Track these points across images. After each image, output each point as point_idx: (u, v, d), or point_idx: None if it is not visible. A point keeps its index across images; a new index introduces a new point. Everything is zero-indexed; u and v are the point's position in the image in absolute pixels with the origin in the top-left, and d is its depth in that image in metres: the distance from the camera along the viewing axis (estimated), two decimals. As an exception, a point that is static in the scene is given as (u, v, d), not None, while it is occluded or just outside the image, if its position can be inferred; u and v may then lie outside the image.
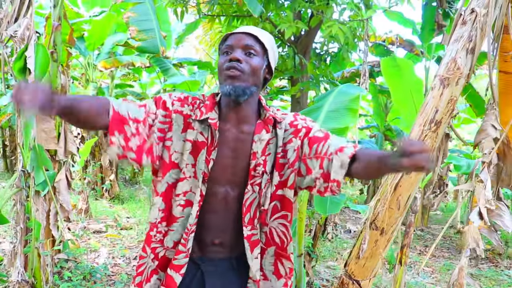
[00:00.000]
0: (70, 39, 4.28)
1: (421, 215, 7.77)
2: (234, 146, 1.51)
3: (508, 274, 5.17)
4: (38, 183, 3.29)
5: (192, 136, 1.49)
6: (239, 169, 1.52)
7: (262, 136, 1.51)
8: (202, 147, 1.48)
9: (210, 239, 1.56)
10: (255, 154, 1.51)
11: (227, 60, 1.45)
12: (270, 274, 1.61)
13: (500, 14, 1.73)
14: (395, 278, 3.27)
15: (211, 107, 1.50)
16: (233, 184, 1.53)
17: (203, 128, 1.49)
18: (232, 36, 1.49)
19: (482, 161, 1.74)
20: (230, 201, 1.54)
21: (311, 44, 6.10)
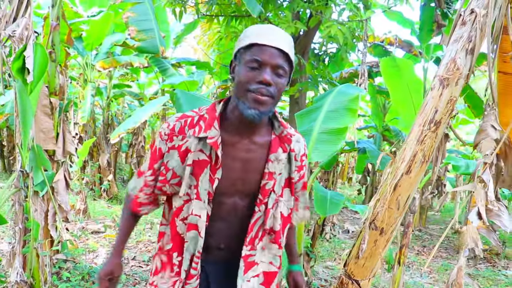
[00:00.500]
0: (68, 39, 4.28)
1: (419, 216, 7.79)
2: (245, 158, 1.45)
3: (505, 274, 5.18)
4: (36, 183, 3.28)
5: (192, 158, 1.42)
6: (249, 181, 1.48)
7: (279, 156, 1.47)
8: (205, 165, 1.41)
9: (215, 244, 1.53)
10: (272, 174, 1.47)
11: (256, 80, 1.32)
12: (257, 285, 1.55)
13: (500, 15, 1.73)
14: (394, 278, 3.28)
15: (210, 123, 1.40)
16: (242, 194, 1.49)
17: (203, 145, 1.41)
18: (264, 48, 1.32)
19: (484, 162, 1.74)
20: (239, 210, 1.50)
21: (309, 44, 6.09)
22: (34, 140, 3.25)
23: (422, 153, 1.83)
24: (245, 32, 1.38)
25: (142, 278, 4.15)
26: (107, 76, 8.37)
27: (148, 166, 1.51)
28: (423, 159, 1.84)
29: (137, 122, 4.65)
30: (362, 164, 8.55)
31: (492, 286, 4.72)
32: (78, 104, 7.50)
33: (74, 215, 6.05)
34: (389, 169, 1.94)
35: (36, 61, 3.11)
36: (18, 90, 2.95)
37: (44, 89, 3.51)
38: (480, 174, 1.75)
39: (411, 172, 1.85)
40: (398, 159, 1.90)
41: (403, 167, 1.86)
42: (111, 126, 8.46)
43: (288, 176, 1.53)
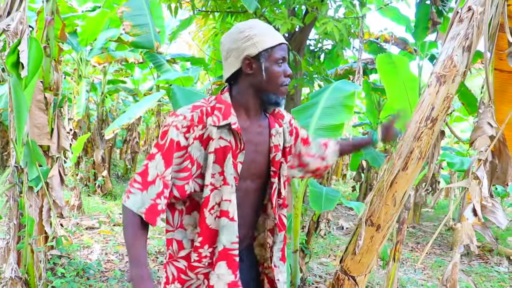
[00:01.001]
0: (62, 34, 4.24)
1: (413, 212, 7.82)
2: (256, 141, 1.58)
3: (497, 270, 5.22)
4: (31, 179, 3.27)
5: (214, 145, 1.47)
6: (260, 162, 1.60)
7: (278, 129, 1.63)
8: (228, 151, 1.48)
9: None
10: (277, 146, 1.62)
11: (285, 75, 1.52)
12: (278, 261, 1.70)
13: (497, 13, 1.74)
14: (389, 274, 3.29)
15: (227, 111, 1.49)
16: (254, 176, 1.59)
17: (221, 132, 1.48)
18: (283, 46, 1.51)
19: (478, 159, 1.75)
20: (250, 194, 1.60)
21: (305, 41, 6.09)
22: (29, 135, 3.23)
23: (418, 149, 1.84)
24: (254, 30, 1.47)
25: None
26: (101, 71, 8.32)
27: (165, 164, 1.43)
28: (420, 156, 1.85)
29: (131, 118, 4.63)
30: (357, 161, 8.59)
31: (485, 282, 4.75)
32: (72, 100, 7.46)
33: (68, 211, 6.02)
34: (385, 165, 1.95)
35: (31, 56, 3.09)
36: (13, 85, 2.93)
37: (39, 84, 3.49)
38: (475, 171, 1.76)
39: (408, 168, 1.86)
40: (394, 156, 1.90)
41: (399, 163, 1.87)
42: (105, 122, 8.43)
43: (283, 145, 1.68)
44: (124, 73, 10.22)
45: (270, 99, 1.52)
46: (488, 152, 1.77)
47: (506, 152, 1.88)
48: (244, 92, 1.53)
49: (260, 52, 1.46)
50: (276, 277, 1.67)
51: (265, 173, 1.62)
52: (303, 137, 1.80)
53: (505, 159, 1.93)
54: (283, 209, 1.68)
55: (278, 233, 1.66)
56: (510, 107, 1.91)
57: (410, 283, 4.60)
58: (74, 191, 6.41)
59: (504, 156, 1.93)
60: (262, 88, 1.51)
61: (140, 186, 1.43)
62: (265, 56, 1.47)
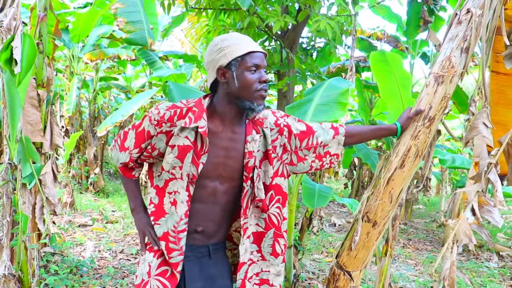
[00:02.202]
0: (56, 30, 4.22)
1: (405, 209, 7.88)
2: (226, 146, 1.67)
3: (488, 265, 5.28)
4: (25, 176, 3.25)
5: (176, 141, 1.62)
6: (230, 166, 1.69)
7: (254, 137, 1.70)
8: (188, 150, 1.61)
9: (193, 227, 1.71)
10: (251, 153, 1.68)
11: (259, 80, 1.60)
12: (268, 255, 1.78)
13: (494, 16, 1.77)
14: (381, 270, 3.32)
15: (199, 115, 1.61)
16: (223, 179, 1.69)
17: (188, 133, 1.61)
18: (257, 54, 1.61)
19: (489, 162, 1.77)
20: (218, 194, 1.71)
21: (298, 38, 6.11)
22: (23, 132, 3.21)
23: (415, 148, 1.87)
24: (226, 42, 1.61)
25: (130, 271, 4.14)
26: (93, 68, 8.27)
27: (135, 144, 1.68)
28: (417, 154, 1.87)
29: (124, 115, 4.62)
30: (349, 158, 8.62)
31: (475, 278, 4.81)
32: (64, 97, 7.41)
33: (61, 208, 5.99)
34: (382, 163, 1.97)
35: (24, 52, 3.07)
36: (6, 81, 2.91)
37: (32, 80, 3.47)
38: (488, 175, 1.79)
39: (405, 166, 1.89)
40: (392, 153, 1.93)
41: (396, 161, 1.90)
42: (97, 119, 8.38)
43: (266, 149, 1.74)
44: (116, 70, 10.17)
45: (245, 105, 1.61)
46: (498, 156, 1.80)
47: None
48: (222, 100, 1.65)
49: (230, 61, 1.58)
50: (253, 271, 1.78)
51: (239, 177, 1.71)
52: (298, 132, 1.80)
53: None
54: (262, 213, 1.76)
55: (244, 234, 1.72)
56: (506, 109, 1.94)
57: (402, 279, 4.64)
58: (66, 188, 6.38)
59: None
60: (236, 95, 1.61)
61: (118, 146, 1.76)
62: (235, 64, 1.59)
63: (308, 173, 3.70)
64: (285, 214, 1.80)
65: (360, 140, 1.93)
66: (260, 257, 1.78)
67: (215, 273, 1.78)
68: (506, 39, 1.71)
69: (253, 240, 1.77)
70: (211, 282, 1.76)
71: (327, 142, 1.83)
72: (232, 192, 1.72)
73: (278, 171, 1.77)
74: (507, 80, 1.89)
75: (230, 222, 1.84)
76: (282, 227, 1.78)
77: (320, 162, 1.85)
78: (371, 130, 1.93)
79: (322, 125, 1.86)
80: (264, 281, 1.78)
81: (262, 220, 1.77)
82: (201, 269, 1.75)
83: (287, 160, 1.81)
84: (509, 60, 1.73)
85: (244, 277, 1.74)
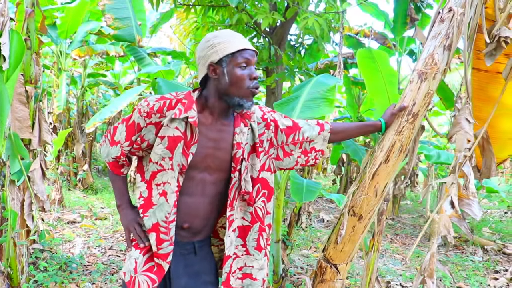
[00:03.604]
0: (42, 26, 4.20)
1: (392, 205, 7.96)
2: (215, 137, 1.70)
3: (472, 259, 5.38)
4: (13, 172, 3.25)
5: (166, 132, 1.63)
6: (219, 157, 1.71)
7: (242, 128, 1.72)
8: (178, 141, 1.63)
9: (180, 223, 1.73)
10: (239, 144, 1.71)
11: (251, 77, 1.63)
12: (252, 250, 1.80)
13: (475, 14, 1.82)
14: (368, 264, 3.37)
15: (189, 106, 1.63)
16: (211, 169, 1.72)
17: (179, 123, 1.63)
18: (247, 51, 1.63)
19: (464, 155, 1.82)
20: (206, 185, 1.72)
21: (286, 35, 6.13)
22: (11, 129, 3.20)
23: (400, 143, 1.91)
24: (218, 39, 1.63)
25: (120, 267, 4.15)
26: (81, 65, 8.23)
27: (125, 138, 1.69)
28: (401, 149, 1.92)
29: (113, 111, 4.62)
30: (337, 154, 8.69)
31: (461, 271, 4.89)
32: (51, 93, 7.36)
33: (49, 205, 5.97)
34: (368, 158, 2.01)
35: (13, 48, 3.06)
36: (-6, 78, 2.90)
37: (20, 77, 3.46)
38: (462, 167, 1.84)
39: (389, 161, 1.93)
40: (377, 149, 1.97)
41: (381, 156, 1.94)
42: (85, 115, 8.35)
43: (253, 143, 1.77)
44: (104, 67, 10.11)
45: (234, 102, 1.64)
46: (473, 149, 1.85)
47: (490, 148, 1.97)
48: (211, 95, 1.68)
49: (222, 58, 1.61)
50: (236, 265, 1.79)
51: (227, 168, 1.73)
52: (285, 127, 1.84)
53: (488, 155, 2.02)
54: (248, 206, 1.78)
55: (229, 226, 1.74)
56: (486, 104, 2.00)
57: (389, 273, 4.71)
58: (55, 185, 6.36)
59: (487, 153, 2.02)
60: (226, 92, 1.64)
61: (109, 140, 1.77)
62: (226, 61, 1.61)
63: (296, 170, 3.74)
64: (269, 208, 1.82)
65: (346, 137, 1.95)
66: (244, 251, 1.80)
67: (200, 269, 1.80)
68: (487, 37, 1.75)
69: (238, 233, 1.79)
70: (195, 279, 1.77)
71: (312, 138, 1.86)
72: (220, 183, 1.75)
73: (264, 165, 1.80)
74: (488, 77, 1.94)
75: (217, 218, 1.86)
76: (265, 220, 1.81)
77: (306, 157, 1.88)
78: (356, 126, 1.96)
79: (308, 122, 1.90)
80: (247, 275, 1.80)
81: (248, 214, 1.79)
82: (186, 265, 1.77)
83: (274, 155, 1.85)
84: (490, 57, 1.78)
85: (229, 271, 1.76)
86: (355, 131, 1.96)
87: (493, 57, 1.77)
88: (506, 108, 2.04)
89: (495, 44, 1.76)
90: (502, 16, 1.74)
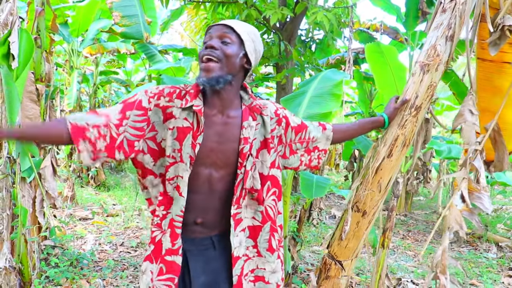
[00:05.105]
0: (53, 25, 4.25)
1: (405, 201, 7.89)
2: (221, 130, 1.61)
3: (486, 256, 5.31)
4: (24, 170, 3.29)
5: (176, 123, 1.57)
6: (225, 152, 1.62)
7: (250, 123, 1.65)
8: (187, 132, 1.56)
9: (192, 218, 1.65)
10: (247, 139, 1.63)
11: (204, 48, 1.55)
12: (264, 251, 1.72)
13: (478, 3, 1.78)
14: (378, 260, 3.35)
15: (195, 95, 1.58)
16: (217, 166, 1.63)
17: (187, 114, 1.57)
18: (212, 27, 1.58)
19: (474, 149, 1.79)
20: (213, 182, 1.64)
21: (296, 31, 6.11)
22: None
23: (403, 137, 1.89)
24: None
25: (130, 264, 4.19)
26: (93, 62, 8.29)
27: (120, 111, 1.52)
28: (404, 143, 1.89)
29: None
30: (349, 150, 8.63)
31: (474, 268, 4.83)
32: (64, 91, 7.43)
33: (61, 202, 6.04)
34: (371, 153, 1.99)
35: (22, 47, 3.10)
36: (4, 76, 2.94)
37: (30, 75, 3.50)
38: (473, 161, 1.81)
39: (393, 155, 1.90)
40: (380, 143, 1.95)
41: (384, 150, 1.92)
42: (98, 113, 8.40)
43: (264, 138, 1.70)
44: (116, 64, 10.19)
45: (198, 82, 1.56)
46: (483, 142, 1.82)
47: (502, 141, 1.93)
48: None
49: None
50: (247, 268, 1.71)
51: (233, 163, 1.65)
52: (295, 125, 1.80)
53: (500, 148, 1.98)
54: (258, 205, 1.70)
55: (236, 225, 1.67)
56: (492, 95, 1.95)
57: (401, 270, 4.67)
58: (67, 182, 6.43)
59: (499, 145, 1.98)
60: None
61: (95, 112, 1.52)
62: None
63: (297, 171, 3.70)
64: (279, 208, 1.77)
65: (349, 136, 1.92)
66: (256, 253, 1.73)
67: (219, 266, 1.72)
68: (490, 26, 1.71)
69: (248, 234, 1.72)
70: (215, 276, 1.70)
71: (317, 138, 1.84)
72: (227, 179, 1.66)
73: (275, 162, 1.74)
74: (492, 67, 1.89)
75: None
76: (277, 220, 1.76)
77: (309, 156, 1.84)
78: (359, 124, 1.93)
79: (312, 123, 1.88)
80: (260, 278, 1.73)
81: (259, 213, 1.72)
82: (205, 262, 1.70)
83: (281, 152, 1.79)
84: (494, 47, 1.73)
85: (240, 274, 1.68)
86: (358, 129, 1.92)
87: (497, 47, 1.73)
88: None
89: (499, 33, 1.72)
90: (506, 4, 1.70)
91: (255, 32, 1.65)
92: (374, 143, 2.02)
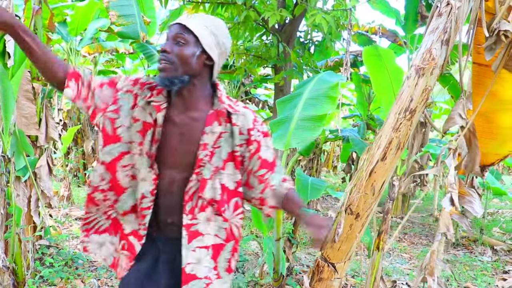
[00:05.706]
0: (50, 24, 4.23)
1: (401, 204, 7.90)
2: (181, 131, 1.57)
3: (481, 259, 5.31)
4: (18, 169, 3.28)
5: (141, 116, 1.57)
6: (186, 154, 1.58)
7: (213, 128, 1.56)
8: (149, 127, 1.56)
9: (164, 218, 1.64)
10: (206, 145, 1.56)
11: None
12: (223, 272, 1.65)
13: (474, 8, 1.78)
14: (373, 263, 3.35)
15: (160, 91, 1.57)
16: (179, 168, 1.59)
17: (151, 109, 1.56)
18: (170, 27, 1.54)
19: (448, 148, 1.80)
20: (175, 185, 1.60)
21: (295, 32, 6.11)
22: (16, 125, 3.23)
23: (397, 140, 1.88)
24: None
25: (125, 264, 4.17)
26: (92, 62, 8.29)
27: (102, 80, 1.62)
28: (398, 146, 1.89)
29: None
30: (347, 152, 8.63)
31: (469, 271, 4.84)
32: (62, 90, 7.42)
33: (58, 202, 6.03)
34: (365, 155, 1.99)
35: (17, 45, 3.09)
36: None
37: (26, 74, 3.49)
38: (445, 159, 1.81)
39: (387, 158, 1.90)
40: (374, 146, 1.94)
41: (378, 153, 1.92)
42: (95, 112, 8.39)
43: (231, 150, 1.61)
44: (115, 64, 10.19)
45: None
46: (459, 142, 1.82)
47: (475, 142, 1.94)
48: None
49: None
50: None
51: (191, 167, 1.58)
52: (264, 158, 1.66)
53: (473, 149, 1.99)
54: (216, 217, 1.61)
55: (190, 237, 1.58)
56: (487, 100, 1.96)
57: (396, 272, 4.67)
58: (63, 181, 6.42)
59: (473, 146, 2.00)
60: None
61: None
62: None
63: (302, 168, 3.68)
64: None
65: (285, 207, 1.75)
66: (215, 275, 1.63)
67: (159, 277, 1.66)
68: (486, 31, 1.72)
69: (212, 254, 1.62)
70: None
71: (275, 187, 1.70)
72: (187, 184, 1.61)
73: (242, 180, 1.66)
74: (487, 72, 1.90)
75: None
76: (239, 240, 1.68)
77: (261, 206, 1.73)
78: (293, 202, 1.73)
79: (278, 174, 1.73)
80: None
81: (223, 231, 1.64)
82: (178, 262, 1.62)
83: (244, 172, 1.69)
84: (489, 51, 1.74)
85: None
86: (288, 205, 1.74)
87: (492, 51, 1.74)
88: (506, 103, 2.00)
89: (494, 38, 1.72)
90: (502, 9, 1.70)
91: (216, 25, 1.55)
92: (368, 146, 2.02)
